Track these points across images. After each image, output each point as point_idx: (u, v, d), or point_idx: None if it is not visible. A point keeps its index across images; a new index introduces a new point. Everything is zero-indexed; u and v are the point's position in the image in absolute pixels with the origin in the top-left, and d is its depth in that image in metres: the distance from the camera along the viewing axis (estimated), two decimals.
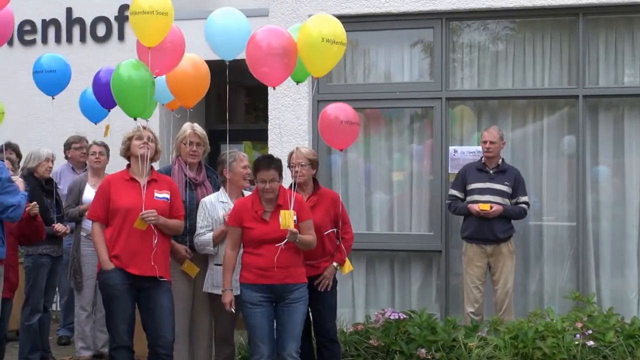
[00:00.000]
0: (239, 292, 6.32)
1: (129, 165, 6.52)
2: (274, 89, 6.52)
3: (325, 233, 6.68)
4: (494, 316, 7.84)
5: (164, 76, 6.68)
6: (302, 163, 6.70)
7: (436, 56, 8.58)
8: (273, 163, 6.20)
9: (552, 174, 8.56)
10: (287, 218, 5.99)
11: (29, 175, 7.62)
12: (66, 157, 9.23)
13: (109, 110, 7.68)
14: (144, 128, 6.42)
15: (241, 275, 6.23)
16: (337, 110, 6.89)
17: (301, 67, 6.36)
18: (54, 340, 9.01)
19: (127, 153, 6.47)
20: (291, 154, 6.84)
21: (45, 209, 7.55)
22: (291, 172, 6.74)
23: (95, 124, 8.15)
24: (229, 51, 6.60)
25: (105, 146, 8.24)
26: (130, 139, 6.42)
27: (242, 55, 6.41)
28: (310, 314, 6.80)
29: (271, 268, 6.07)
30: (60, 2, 11.60)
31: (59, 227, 7.72)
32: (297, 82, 6.77)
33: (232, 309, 6.21)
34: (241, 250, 6.31)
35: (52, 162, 7.92)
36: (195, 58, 6.85)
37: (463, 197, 8.07)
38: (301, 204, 6.32)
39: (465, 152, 8.49)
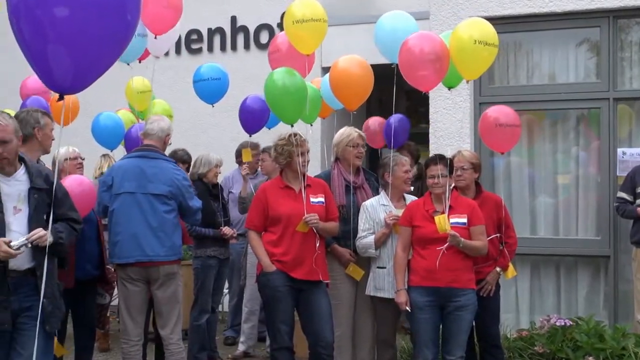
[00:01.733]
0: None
1: (281, 172, 6.64)
2: (427, 93, 6.51)
3: (488, 238, 6.56)
4: None
5: (327, 80, 6.78)
6: (465, 167, 6.64)
7: (603, 55, 8.32)
8: (441, 159, 6.25)
9: None
10: (442, 223, 6.00)
11: (198, 180, 7.88)
12: (239, 163, 9.41)
13: (250, 135, 7.85)
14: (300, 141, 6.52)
15: (409, 279, 6.25)
16: (497, 112, 6.84)
17: (453, 72, 6.36)
18: (221, 340, 9.28)
19: (287, 165, 6.55)
20: (453, 157, 6.75)
21: (212, 212, 7.79)
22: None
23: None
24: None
25: None
26: (291, 154, 6.44)
27: None
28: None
29: (436, 270, 6.05)
30: (225, 11, 11.95)
31: (226, 230, 7.94)
32: (449, 88, 6.73)
33: (407, 308, 6.20)
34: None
35: (220, 167, 8.15)
36: (360, 59, 6.89)
37: (632, 200, 7.78)
38: (474, 209, 6.28)
39: (635, 154, 8.17)
